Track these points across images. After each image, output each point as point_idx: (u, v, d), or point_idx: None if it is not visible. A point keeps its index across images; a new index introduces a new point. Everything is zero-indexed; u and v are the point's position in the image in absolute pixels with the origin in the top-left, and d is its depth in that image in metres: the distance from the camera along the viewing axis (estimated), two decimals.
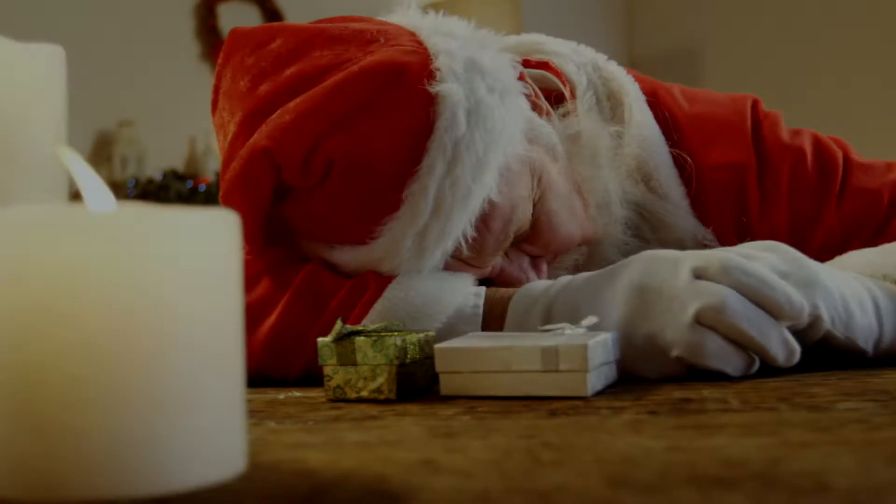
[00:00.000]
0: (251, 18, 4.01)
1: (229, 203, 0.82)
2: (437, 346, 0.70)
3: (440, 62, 0.82)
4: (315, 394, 0.75)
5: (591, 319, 0.73)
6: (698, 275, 0.73)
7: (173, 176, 3.63)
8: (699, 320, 0.71)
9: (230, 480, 0.43)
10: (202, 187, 3.69)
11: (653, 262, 0.76)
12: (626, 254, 0.93)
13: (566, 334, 0.71)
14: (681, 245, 0.95)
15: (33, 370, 0.40)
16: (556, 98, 0.98)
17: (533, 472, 0.43)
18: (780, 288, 0.72)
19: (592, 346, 0.67)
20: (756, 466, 0.43)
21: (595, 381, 0.68)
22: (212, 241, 0.44)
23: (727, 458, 0.45)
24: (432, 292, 0.81)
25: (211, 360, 0.43)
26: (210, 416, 0.43)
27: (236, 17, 3.98)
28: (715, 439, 0.49)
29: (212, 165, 3.80)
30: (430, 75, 0.82)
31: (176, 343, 0.42)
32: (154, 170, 3.62)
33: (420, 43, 0.85)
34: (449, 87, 0.80)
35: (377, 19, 0.91)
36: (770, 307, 0.72)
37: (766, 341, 0.72)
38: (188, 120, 3.86)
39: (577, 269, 0.93)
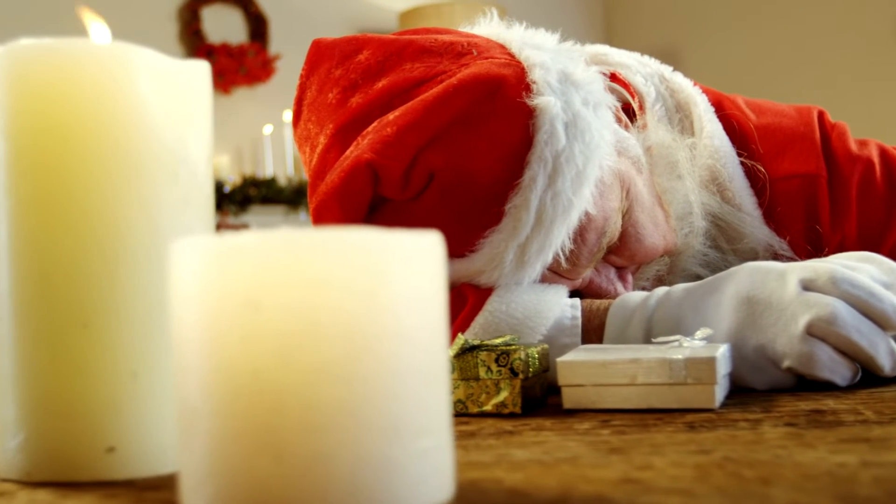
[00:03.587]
0: (235, 22, 3.99)
1: (325, 215, 0.82)
2: (560, 359, 0.70)
3: (535, 75, 0.82)
4: None
5: (705, 331, 0.73)
6: (806, 286, 0.74)
7: None
8: (810, 331, 0.72)
9: None
10: None
11: (758, 274, 0.76)
12: (706, 265, 0.94)
13: (685, 346, 0.71)
14: (755, 255, 0.96)
15: (272, 395, 0.40)
16: (625, 110, 0.98)
17: (751, 490, 0.44)
18: (886, 299, 0.73)
19: (719, 359, 0.67)
20: None
21: (719, 393, 0.68)
22: (428, 263, 0.44)
23: None
24: (532, 305, 0.81)
25: (431, 381, 0.43)
26: (434, 438, 0.43)
27: (220, 20, 3.95)
28: None
29: None
30: (527, 88, 0.82)
31: (406, 365, 0.42)
32: None
33: (512, 56, 0.85)
34: (547, 100, 0.81)
35: (463, 31, 0.91)
36: (878, 318, 0.73)
37: (874, 351, 0.73)
38: None
39: (659, 279, 0.93)
